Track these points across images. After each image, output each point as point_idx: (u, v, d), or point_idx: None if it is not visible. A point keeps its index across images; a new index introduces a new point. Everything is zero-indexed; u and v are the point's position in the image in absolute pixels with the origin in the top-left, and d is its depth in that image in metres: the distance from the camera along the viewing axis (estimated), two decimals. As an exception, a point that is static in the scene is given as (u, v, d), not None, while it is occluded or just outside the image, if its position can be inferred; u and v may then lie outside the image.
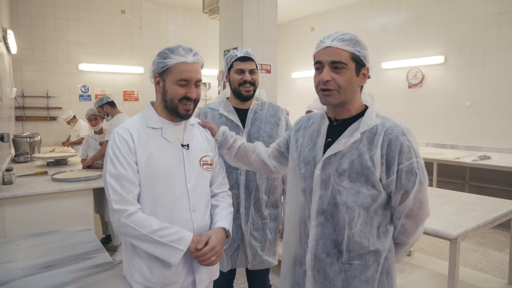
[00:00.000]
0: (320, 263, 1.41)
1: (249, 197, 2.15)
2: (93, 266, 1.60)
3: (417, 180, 1.31)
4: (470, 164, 4.99)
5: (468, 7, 6.01)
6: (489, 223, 2.36)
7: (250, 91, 2.13)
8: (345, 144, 1.34)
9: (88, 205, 3.32)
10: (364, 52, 1.36)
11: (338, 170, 1.35)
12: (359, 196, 1.32)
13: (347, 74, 1.33)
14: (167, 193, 1.49)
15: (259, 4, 4.53)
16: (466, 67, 6.09)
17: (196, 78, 1.52)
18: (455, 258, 2.13)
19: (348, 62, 1.33)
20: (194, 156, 1.59)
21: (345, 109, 1.40)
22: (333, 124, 1.44)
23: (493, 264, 3.90)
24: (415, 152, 1.32)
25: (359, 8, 7.75)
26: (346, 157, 1.34)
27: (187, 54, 1.49)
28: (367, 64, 1.38)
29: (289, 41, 9.38)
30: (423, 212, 1.37)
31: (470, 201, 2.76)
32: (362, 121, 1.35)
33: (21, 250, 1.80)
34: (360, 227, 1.34)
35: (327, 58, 1.34)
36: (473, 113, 6.05)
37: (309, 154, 1.46)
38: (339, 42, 1.33)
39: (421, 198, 1.34)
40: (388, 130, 1.31)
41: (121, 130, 1.49)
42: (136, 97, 8.15)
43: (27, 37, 6.92)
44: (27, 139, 5.00)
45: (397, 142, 1.29)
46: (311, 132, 1.51)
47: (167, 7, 8.42)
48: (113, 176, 1.43)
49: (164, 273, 1.49)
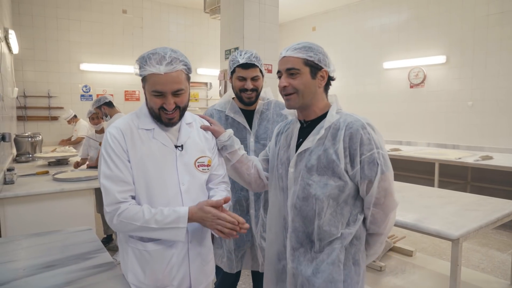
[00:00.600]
0: (295, 253, 1.52)
1: (259, 199, 2.14)
2: (93, 266, 1.59)
3: (379, 170, 1.41)
4: (472, 164, 4.97)
5: (470, 7, 5.99)
6: (491, 223, 2.34)
7: (252, 98, 2.10)
8: (313, 141, 1.47)
9: (89, 205, 3.31)
10: (319, 57, 1.47)
11: (307, 165, 1.46)
12: (327, 188, 1.43)
13: (301, 78, 1.46)
14: (160, 196, 1.47)
15: (260, 3, 4.52)
16: (468, 67, 6.07)
17: (170, 90, 1.42)
18: (457, 259, 2.12)
19: (301, 67, 1.46)
20: (188, 157, 1.55)
21: (310, 111, 1.53)
22: (304, 126, 1.57)
23: (495, 264, 3.89)
24: (376, 144, 1.41)
25: (361, 8, 7.74)
26: (314, 153, 1.46)
27: (158, 65, 1.39)
28: (325, 67, 1.50)
29: (290, 41, 9.30)
30: (390, 201, 1.46)
31: (472, 202, 2.75)
32: (326, 119, 1.48)
33: (21, 250, 1.80)
34: (330, 216, 1.45)
35: (283, 67, 1.49)
36: (475, 113, 6.03)
37: (284, 155, 1.59)
38: (292, 51, 1.47)
39: (386, 187, 1.42)
40: (349, 125, 1.42)
41: (113, 130, 1.47)
42: (138, 97, 8.15)
43: (28, 37, 6.92)
44: (28, 139, 5.01)
45: (358, 135, 1.40)
46: (286, 135, 1.63)
47: (168, 7, 8.43)
48: (107, 177, 1.42)
49: (157, 275, 1.48)
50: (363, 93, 7.58)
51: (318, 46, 1.51)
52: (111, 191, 1.40)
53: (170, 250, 1.49)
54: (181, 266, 1.52)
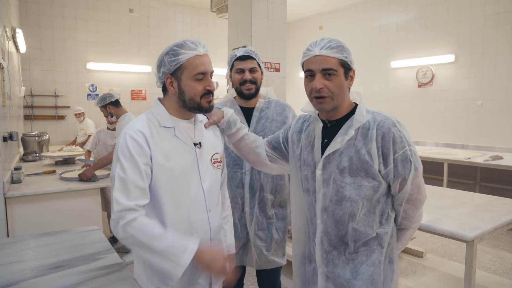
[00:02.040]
0: (328, 256, 1.47)
1: (254, 197, 2.12)
2: (102, 267, 1.57)
3: (412, 167, 1.39)
4: (481, 164, 4.91)
5: (480, 5, 5.91)
6: (506, 225, 2.30)
7: (252, 90, 2.09)
8: (342, 142, 1.41)
9: (96, 204, 3.31)
10: (350, 57, 1.43)
11: (339, 167, 1.41)
12: (361, 189, 1.39)
13: (337, 80, 1.40)
14: (183, 194, 1.44)
15: (268, 2, 4.49)
16: (477, 66, 6.00)
17: (211, 69, 1.48)
18: (472, 261, 2.08)
19: (337, 68, 1.39)
20: (206, 154, 1.54)
21: (337, 111, 1.47)
22: (327, 126, 1.50)
23: (507, 266, 3.83)
24: (407, 141, 1.39)
25: (368, 7, 7.67)
26: (344, 154, 1.41)
27: (197, 47, 1.44)
28: (353, 67, 1.46)
29: (297, 40, 9.32)
30: (421, 196, 1.46)
31: (485, 202, 2.70)
32: (354, 119, 1.41)
33: (29, 250, 1.78)
34: (364, 216, 1.42)
35: (318, 66, 1.39)
36: (484, 113, 5.96)
37: (308, 156, 1.52)
38: (328, 50, 1.39)
39: (418, 182, 1.42)
40: (380, 124, 1.38)
41: (131, 132, 1.40)
42: (144, 96, 8.15)
43: (35, 36, 6.94)
44: (35, 138, 5.01)
45: (390, 134, 1.36)
46: (308, 134, 1.57)
47: (175, 6, 8.42)
48: (121, 179, 1.34)
49: (183, 274, 1.43)
50: (370, 92, 7.51)
51: (346, 45, 1.46)
52: (122, 195, 1.33)
53: None
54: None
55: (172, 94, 1.47)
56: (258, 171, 2.09)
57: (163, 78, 1.46)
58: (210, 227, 1.50)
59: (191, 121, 1.54)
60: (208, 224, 1.50)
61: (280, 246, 2.21)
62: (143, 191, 1.37)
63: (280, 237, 2.20)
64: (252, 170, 2.09)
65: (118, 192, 1.34)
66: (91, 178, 3.38)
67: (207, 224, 1.49)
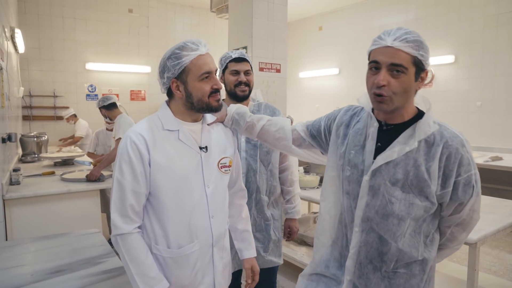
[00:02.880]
0: (363, 269, 1.35)
1: (251, 199, 2.13)
2: (104, 272, 1.56)
3: (474, 192, 1.26)
4: (481, 165, 4.90)
5: (480, 6, 5.91)
6: (509, 227, 2.29)
7: (246, 91, 2.13)
8: (399, 153, 1.25)
9: (95, 206, 3.29)
10: (427, 56, 1.25)
11: (391, 180, 1.26)
12: (412, 208, 1.25)
13: (405, 79, 1.21)
14: (185, 199, 1.42)
15: (269, 2, 4.47)
16: (477, 67, 5.99)
17: (215, 68, 1.46)
18: (475, 263, 2.07)
19: (409, 66, 1.20)
20: (212, 159, 1.51)
21: (397, 114, 1.29)
22: (383, 128, 1.33)
23: (508, 267, 3.82)
24: (473, 164, 1.25)
25: (368, 7, 7.67)
26: (400, 167, 1.25)
27: (199, 47, 1.41)
28: (427, 67, 1.26)
29: (296, 40, 9.31)
30: (474, 221, 1.35)
31: (487, 204, 2.69)
32: (419, 128, 1.24)
33: (29, 254, 1.76)
34: (409, 237, 1.29)
35: (386, 60, 1.21)
36: (484, 113, 5.95)
37: (356, 157, 1.36)
38: (402, 43, 1.20)
39: (476, 208, 1.31)
40: (448, 142, 1.22)
41: (133, 135, 1.39)
42: (143, 97, 8.12)
43: (34, 36, 6.90)
44: (34, 139, 4.98)
45: (457, 155, 1.21)
46: (357, 132, 1.39)
47: (174, 6, 8.39)
48: (119, 182, 1.36)
49: (183, 281, 1.43)
50: (370, 93, 7.50)
51: (425, 41, 1.26)
52: (120, 200, 1.36)
53: (195, 255, 1.44)
54: (206, 271, 1.48)
55: (179, 97, 1.45)
56: (254, 173, 2.11)
57: (168, 83, 1.44)
58: (212, 233, 1.48)
59: (198, 123, 1.52)
60: (210, 230, 1.47)
61: (277, 246, 2.25)
62: (140, 197, 1.38)
63: (277, 237, 2.24)
64: (248, 172, 2.11)
65: (116, 197, 1.36)
66: (99, 178, 3.39)
67: (209, 231, 1.47)
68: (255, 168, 2.12)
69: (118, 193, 1.36)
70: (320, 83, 8.66)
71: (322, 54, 8.62)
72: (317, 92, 8.74)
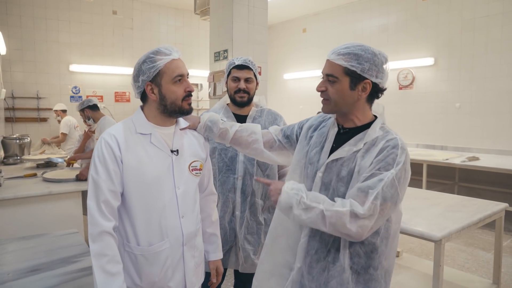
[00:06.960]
0: (308, 258, 1.47)
1: (245, 202, 2.17)
2: (79, 270, 1.61)
3: (377, 190, 1.28)
4: (459, 165, 5.04)
5: (457, 10, 6.08)
6: (473, 224, 2.39)
7: (244, 98, 2.16)
8: (348, 152, 1.40)
9: (77, 207, 3.30)
10: (363, 66, 1.35)
11: (339, 176, 1.41)
12: None
13: (338, 87, 1.39)
14: (156, 200, 1.48)
15: (249, 6, 4.54)
16: (456, 69, 6.15)
17: (187, 72, 1.53)
18: (440, 259, 2.17)
19: (340, 76, 1.38)
20: (183, 161, 1.58)
21: (348, 119, 1.46)
22: (340, 132, 1.49)
23: (480, 264, 3.95)
24: (399, 168, 1.29)
25: (351, 10, 7.80)
26: (345, 165, 1.40)
27: (172, 52, 1.49)
28: (370, 77, 1.37)
29: (281, 42, 9.40)
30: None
31: (457, 203, 2.80)
32: (367, 133, 1.40)
33: (6, 254, 1.80)
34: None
35: (324, 71, 1.43)
36: (462, 115, 6.12)
37: (315, 156, 1.52)
38: (336, 56, 1.38)
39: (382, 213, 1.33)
40: (386, 143, 1.34)
41: (107, 136, 1.46)
42: (128, 98, 8.12)
43: (17, 38, 6.87)
44: (16, 141, 4.96)
45: (387, 153, 1.32)
46: (320, 135, 1.56)
47: (158, 8, 8.41)
48: (94, 181, 1.42)
49: (153, 278, 1.49)
50: (352, 94, 7.61)
51: (370, 52, 1.37)
52: (96, 200, 1.40)
53: (165, 252, 1.50)
54: (176, 268, 1.54)
55: (152, 100, 1.51)
56: (250, 177, 2.15)
57: (142, 86, 1.50)
58: (183, 232, 1.54)
59: (171, 128, 1.58)
60: (181, 229, 1.53)
61: None
62: (115, 195, 1.43)
63: None
64: (245, 176, 2.15)
65: (92, 196, 1.41)
66: None
67: (179, 230, 1.53)
68: (252, 172, 2.16)
69: (94, 191, 1.41)
70: (305, 84, 8.76)
71: (306, 56, 8.73)
72: (301, 94, 8.84)
